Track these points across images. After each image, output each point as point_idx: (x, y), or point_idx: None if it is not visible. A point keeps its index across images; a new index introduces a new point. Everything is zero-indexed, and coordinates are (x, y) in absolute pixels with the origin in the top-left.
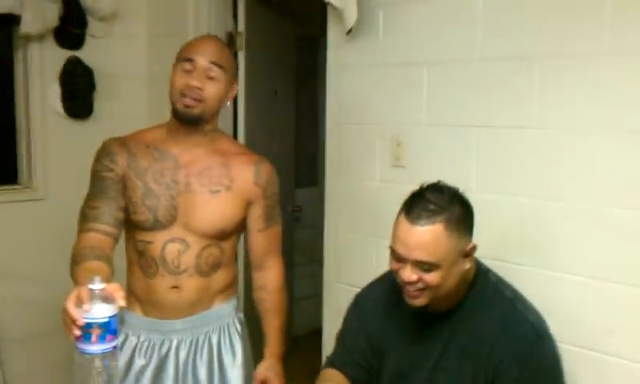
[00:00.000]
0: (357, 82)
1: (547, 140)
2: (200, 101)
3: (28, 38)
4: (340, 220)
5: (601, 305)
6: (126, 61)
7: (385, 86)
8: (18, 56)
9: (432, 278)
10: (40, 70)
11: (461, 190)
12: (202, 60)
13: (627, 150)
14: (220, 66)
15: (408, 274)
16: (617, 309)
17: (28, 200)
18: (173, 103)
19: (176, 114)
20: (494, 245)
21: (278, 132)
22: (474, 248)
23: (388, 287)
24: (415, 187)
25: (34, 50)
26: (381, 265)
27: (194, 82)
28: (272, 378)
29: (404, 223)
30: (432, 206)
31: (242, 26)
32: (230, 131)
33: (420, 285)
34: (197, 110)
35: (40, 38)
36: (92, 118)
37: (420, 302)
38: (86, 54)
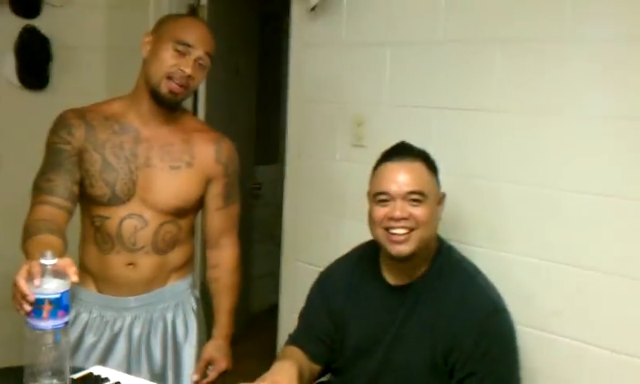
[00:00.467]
0: (319, 60)
1: (505, 123)
2: (186, 88)
3: None
4: (300, 198)
5: (551, 286)
6: (84, 31)
7: (347, 65)
8: None
9: (420, 211)
10: None
11: None
12: (199, 50)
13: (582, 135)
14: (210, 57)
15: (399, 209)
16: (566, 290)
17: None
18: (155, 83)
19: (157, 95)
20: (449, 226)
21: (239, 108)
22: (444, 196)
23: (352, 264)
24: None
25: None
26: (340, 243)
27: (188, 70)
28: (219, 359)
29: (389, 165)
30: (410, 151)
31: (204, 0)
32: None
33: (409, 222)
34: (180, 97)
35: None
36: (48, 89)
37: (407, 247)
38: (42, 23)
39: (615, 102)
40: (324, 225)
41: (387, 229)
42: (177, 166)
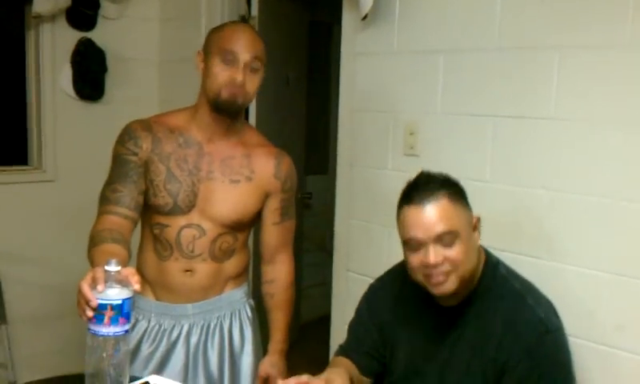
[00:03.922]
0: (371, 69)
1: (563, 131)
2: (243, 95)
3: (40, 18)
4: (351, 208)
5: (613, 300)
6: (138, 43)
7: (399, 73)
8: (30, 36)
9: (455, 252)
10: (51, 51)
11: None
12: (246, 55)
13: None
14: (261, 60)
15: (432, 256)
16: (629, 304)
17: (38, 181)
18: (214, 95)
19: (217, 104)
20: (507, 236)
21: (289, 118)
22: (479, 220)
23: (402, 279)
24: None
25: (46, 30)
26: (392, 254)
27: (240, 78)
28: (275, 376)
29: (411, 210)
30: (430, 186)
31: (255, 11)
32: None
33: (446, 266)
34: (240, 101)
35: (52, 18)
36: (103, 100)
37: (448, 286)
38: (98, 36)
39: None
40: (376, 235)
41: (425, 274)
42: (237, 180)
